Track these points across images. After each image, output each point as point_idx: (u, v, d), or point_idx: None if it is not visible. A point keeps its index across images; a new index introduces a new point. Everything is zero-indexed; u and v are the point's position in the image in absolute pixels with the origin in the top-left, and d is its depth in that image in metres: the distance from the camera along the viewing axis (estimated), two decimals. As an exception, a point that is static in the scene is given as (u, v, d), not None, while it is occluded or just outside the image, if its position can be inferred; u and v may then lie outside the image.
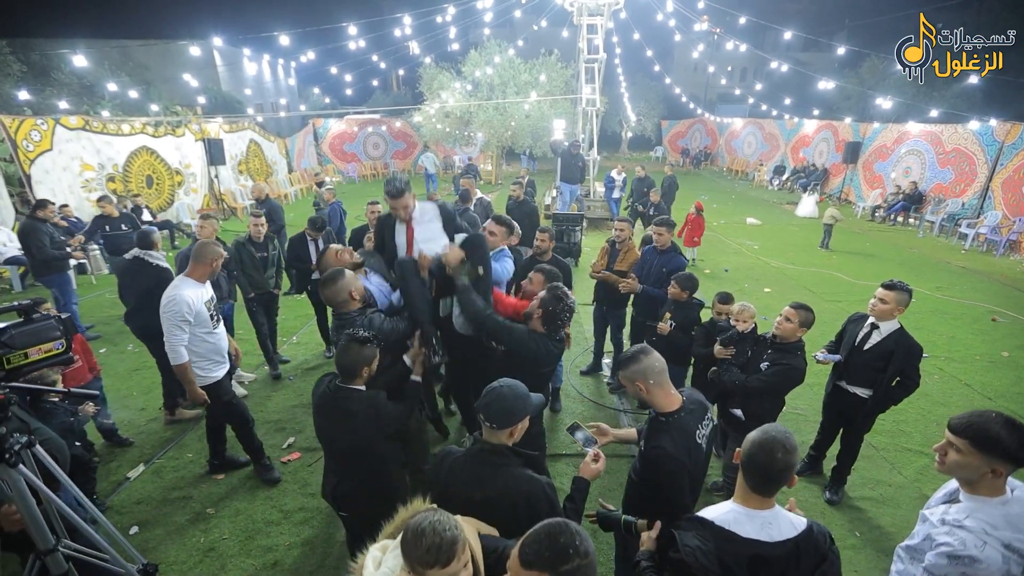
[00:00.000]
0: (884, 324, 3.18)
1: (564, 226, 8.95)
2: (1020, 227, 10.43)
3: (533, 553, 1.14)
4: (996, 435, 1.54)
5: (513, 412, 1.77)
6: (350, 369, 2.23)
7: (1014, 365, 5.69)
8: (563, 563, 1.12)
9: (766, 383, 3.06)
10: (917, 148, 13.89)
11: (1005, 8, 18.63)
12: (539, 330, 2.60)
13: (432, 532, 1.17)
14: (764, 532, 1.47)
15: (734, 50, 16.93)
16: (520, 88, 17.49)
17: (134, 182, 10.94)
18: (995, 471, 1.55)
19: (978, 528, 1.52)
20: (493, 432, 1.78)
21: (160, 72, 20.01)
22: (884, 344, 3.17)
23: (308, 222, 5.31)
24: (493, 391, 1.79)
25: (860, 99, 22.06)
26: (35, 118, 9.12)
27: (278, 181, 16.70)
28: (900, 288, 3.12)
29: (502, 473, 1.75)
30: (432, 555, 1.16)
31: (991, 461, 1.54)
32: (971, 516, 1.55)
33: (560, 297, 2.55)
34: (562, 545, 1.14)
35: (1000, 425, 1.55)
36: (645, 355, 1.98)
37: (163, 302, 3.11)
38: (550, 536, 1.16)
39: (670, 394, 1.98)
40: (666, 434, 1.92)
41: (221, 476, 3.79)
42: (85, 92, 16.42)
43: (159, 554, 3.13)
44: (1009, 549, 1.49)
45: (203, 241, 3.29)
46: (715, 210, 14.80)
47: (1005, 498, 1.57)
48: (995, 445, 1.53)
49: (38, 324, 1.73)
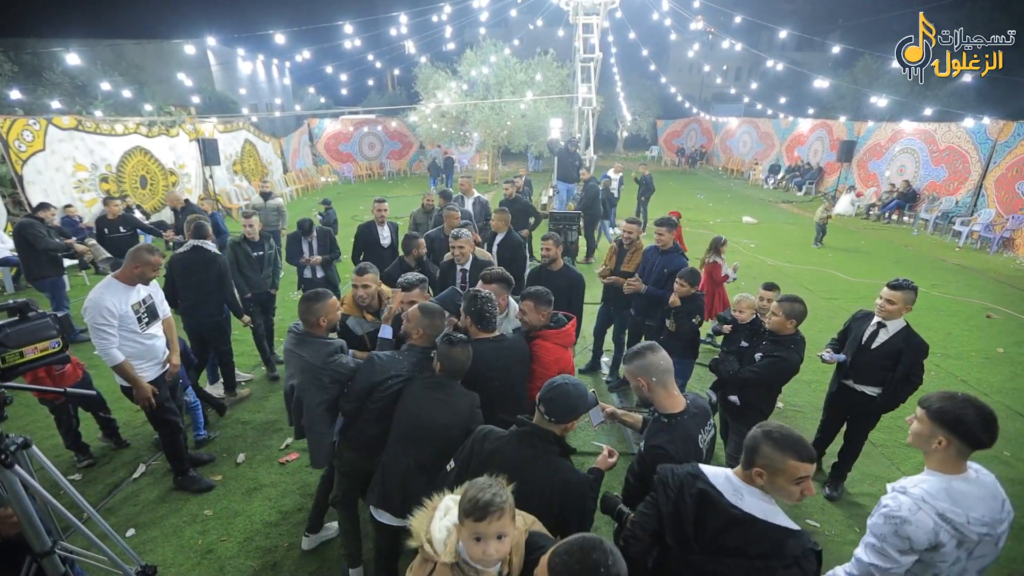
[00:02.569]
0: (891, 322, 3.18)
1: (561, 225, 8.94)
2: (1013, 224, 10.51)
3: (562, 564, 1.14)
4: (948, 407, 1.68)
5: (575, 409, 1.85)
6: (456, 371, 2.37)
7: (1009, 361, 5.73)
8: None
9: (757, 374, 3.08)
10: (911, 146, 13.97)
11: (997, 8, 18.77)
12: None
13: (479, 489, 1.37)
14: (730, 493, 1.53)
15: (729, 49, 17.01)
16: (516, 88, 17.49)
17: (128, 182, 10.86)
18: (940, 442, 1.68)
19: (917, 495, 1.66)
20: (547, 423, 1.85)
21: (154, 72, 19.88)
22: (893, 342, 3.16)
23: (297, 225, 5.36)
24: (558, 386, 1.86)
25: (854, 98, 22.19)
26: (27, 118, 9.02)
27: (274, 181, 16.62)
28: (907, 287, 3.09)
29: (545, 460, 1.79)
30: (471, 506, 1.34)
31: (937, 431, 1.69)
32: (917, 485, 1.69)
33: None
34: (593, 561, 1.12)
35: (960, 402, 1.69)
36: (652, 352, 1.96)
37: (84, 304, 3.11)
38: (583, 550, 1.15)
39: (672, 395, 1.97)
40: (667, 435, 1.91)
41: (219, 477, 3.76)
42: (78, 92, 16.28)
43: (157, 556, 3.10)
44: (942, 518, 1.61)
45: (139, 246, 3.26)
46: (711, 209, 14.85)
47: (960, 476, 1.68)
48: (944, 416, 1.67)
49: (34, 323, 1.70)
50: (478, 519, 1.33)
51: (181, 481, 3.63)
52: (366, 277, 3.28)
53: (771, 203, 16.22)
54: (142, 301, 3.29)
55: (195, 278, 4.24)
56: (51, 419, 3.84)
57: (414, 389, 2.38)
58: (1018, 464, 4.01)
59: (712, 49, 33.40)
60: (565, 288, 3.85)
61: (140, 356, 3.28)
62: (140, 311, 3.26)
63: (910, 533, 1.62)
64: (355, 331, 3.19)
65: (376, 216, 5.51)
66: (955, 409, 1.67)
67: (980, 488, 1.68)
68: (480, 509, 1.33)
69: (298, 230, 5.35)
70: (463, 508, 1.36)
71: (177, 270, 4.25)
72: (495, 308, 2.65)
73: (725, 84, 35.54)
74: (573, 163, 11.07)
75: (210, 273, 4.27)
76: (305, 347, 2.58)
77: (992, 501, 1.67)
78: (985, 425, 1.65)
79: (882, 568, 1.69)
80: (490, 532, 1.34)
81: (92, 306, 3.05)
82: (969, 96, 18.12)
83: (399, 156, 22.52)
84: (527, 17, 21.85)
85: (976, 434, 1.65)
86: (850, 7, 31.49)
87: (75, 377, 3.78)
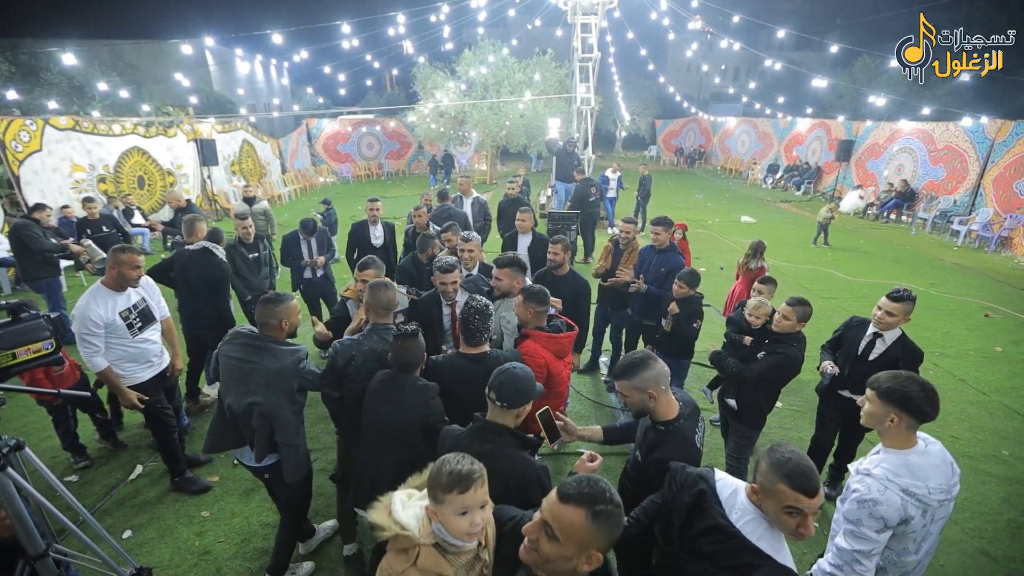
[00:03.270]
0: (888, 333, 3.08)
1: (560, 224, 8.93)
2: (1011, 224, 10.52)
3: (574, 489, 1.26)
4: (896, 386, 1.83)
5: (524, 392, 1.86)
6: (410, 363, 2.33)
7: (1007, 360, 5.73)
8: (598, 503, 1.23)
9: (762, 373, 3.05)
10: (909, 146, 13.99)
11: (994, 7, 18.79)
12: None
13: (455, 462, 1.37)
14: (727, 506, 1.55)
15: (727, 49, 17.03)
16: (514, 87, 17.48)
17: (125, 183, 10.83)
18: (893, 420, 1.83)
19: (882, 475, 1.79)
20: (500, 412, 1.86)
21: (151, 72, 19.83)
22: (890, 353, 3.07)
23: (300, 224, 5.35)
24: (507, 371, 1.88)
25: (853, 97, 22.21)
26: (24, 118, 9.00)
27: (271, 182, 16.60)
28: (907, 299, 2.99)
29: (499, 452, 1.80)
30: (453, 480, 1.33)
31: (889, 410, 1.83)
32: (879, 465, 1.82)
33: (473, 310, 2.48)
34: (601, 488, 1.27)
35: (906, 381, 1.84)
36: (654, 361, 1.92)
37: (73, 312, 3.08)
38: (590, 480, 1.29)
39: (671, 400, 1.95)
40: (669, 445, 1.88)
41: (216, 478, 3.75)
42: (75, 92, 16.25)
43: (153, 557, 3.09)
44: (907, 493, 1.75)
45: (114, 246, 3.19)
46: (710, 208, 14.85)
47: (913, 449, 1.83)
48: (893, 395, 1.82)
49: (27, 324, 1.69)
50: (463, 490, 1.33)
51: (178, 482, 3.61)
52: (366, 273, 3.28)
53: (769, 203, 16.23)
54: (133, 307, 3.22)
55: (193, 278, 4.21)
56: (48, 420, 3.83)
57: (372, 390, 2.34)
58: (1017, 463, 4.01)
59: (710, 49, 33.44)
60: (571, 295, 3.79)
61: (132, 359, 3.26)
62: (131, 317, 3.18)
63: (882, 513, 1.74)
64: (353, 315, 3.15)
65: (369, 215, 5.50)
66: (902, 387, 1.81)
67: (933, 458, 1.83)
68: (464, 479, 1.34)
69: (301, 231, 5.33)
70: (444, 485, 1.34)
71: (178, 266, 4.23)
72: (483, 322, 2.46)
73: (723, 84, 35.59)
74: (571, 163, 11.07)
75: (210, 277, 4.22)
76: (266, 355, 2.43)
77: (944, 467, 1.83)
78: (929, 399, 1.80)
79: (864, 551, 1.77)
80: (476, 501, 1.36)
81: (79, 315, 3.02)
82: (967, 95, 18.15)
83: (398, 156, 22.49)
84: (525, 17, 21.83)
85: (923, 408, 1.79)
86: (848, 7, 31.55)
87: (73, 378, 3.77)
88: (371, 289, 2.65)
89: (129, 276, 3.14)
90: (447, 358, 2.54)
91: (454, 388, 2.38)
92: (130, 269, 3.13)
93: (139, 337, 3.25)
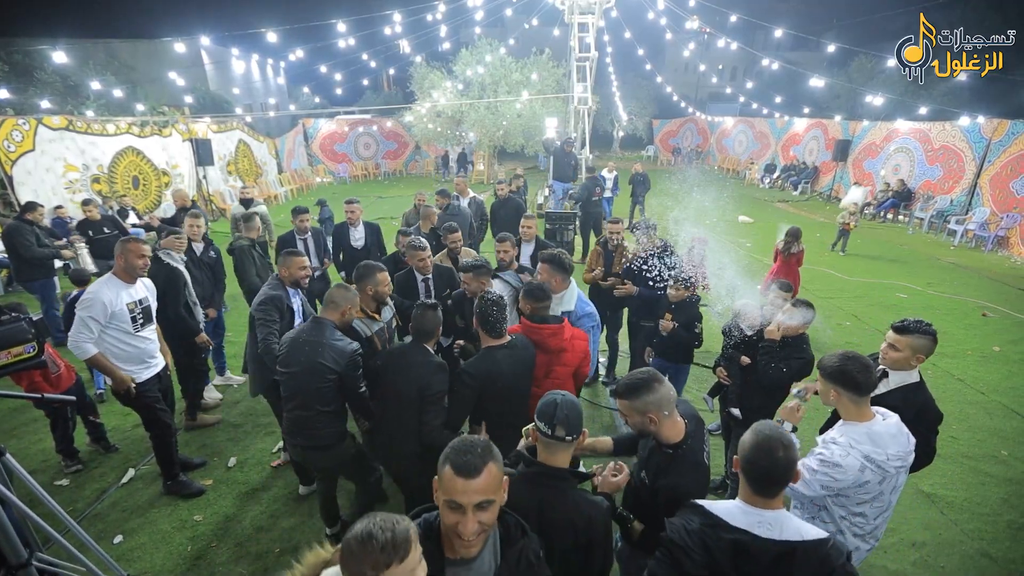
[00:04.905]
0: (896, 373, 2.39)
1: (557, 224, 8.88)
2: (1008, 223, 10.54)
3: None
4: (835, 365, 2.00)
5: (581, 415, 1.73)
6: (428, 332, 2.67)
7: (1005, 359, 5.72)
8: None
9: (790, 376, 3.01)
10: (906, 145, 14.00)
11: (990, 7, 18.84)
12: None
13: (380, 531, 1.07)
14: (758, 527, 1.44)
15: (724, 49, 17.03)
16: (511, 87, 17.43)
17: (120, 183, 10.75)
18: (833, 393, 2.02)
19: (845, 442, 1.96)
20: (559, 448, 1.70)
21: (146, 71, 19.71)
22: (889, 399, 2.31)
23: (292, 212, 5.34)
24: (563, 401, 1.70)
25: (849, 97, 22.24)
26: (16, 118, 8.91)
27: (268, 182, 16.52)
28: (916, 331, 2.29)
29: (567, 497, 1.67)
30: (388, 553, 1.05)
31: (828, 385, 2.03)
32: (844, 435, 1.99)
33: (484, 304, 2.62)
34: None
35: (846, 360, 1.99)
36: (659, 383, 1.81)
37: (82, 296, 3.12)
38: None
39: (676, 422, 1.85)
40: (679, 471, 1.80)
41: (209, 481, 3.71)
42: (69, 92, 16.12)
43: (145, 563, 3.04)
44: (868, 460, 1.91)
45: (125, 238, 3.22)
46: (706, 208, 14.82)
47: (873, 421, 1.99)
48: (832, 372, 2.01)
49: (7, 327, 1.64)
50: (388, 565, 1.06)
51: (171, 486, 3.57)
52: (370, 281, 3.20)
53: (767, 202, 16.22)
54: (138, 302, 3.27)
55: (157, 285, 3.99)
56: (37, 424, 3.79)
57: (388, 356, 2.78)
58: (1015, 463, 3.99)
59: (707, 49, 33.44)
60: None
61: (131, 359, 3.26)
62: (136, 311, 3.24)
63: (838, 475, 1.91)
64: (361, 333, 3.11)
65: (347, 218, 5.45)
66: (839, 364, 1.99)
67: (891, 428, 1.98)
68: (386, 551, 1.06)
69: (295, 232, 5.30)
70: (364, 563, 1.05)
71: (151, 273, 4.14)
72: (500, 312, 2.57)
73: (721, 84, 35.64)
74: (569, 163, 11.03)
75: (160, 284, 3.86)
76: None
77: (901, 437, 1.98)
78: (863, 371, 1.95)
79: (800, 493, 2.01)
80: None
81: (91, 298, 3.06)
82: (964, 95, 18.17)
83: (395, 156, 22.41)
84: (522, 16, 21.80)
85: (857, 380, 1.94)
86: (845, 7, 31.62)
87: (70, 381, 3.73)
88: (336, 286, 2.87)
89: (135, 264, 3.19)
90: (483, 357, 2.59)
91: (500, 379, 2.52)
92: (136, 258, 3.18)
93: (139, 334, 3.27)
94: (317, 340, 2.63)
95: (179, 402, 4.32)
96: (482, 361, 2.56)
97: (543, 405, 1.71)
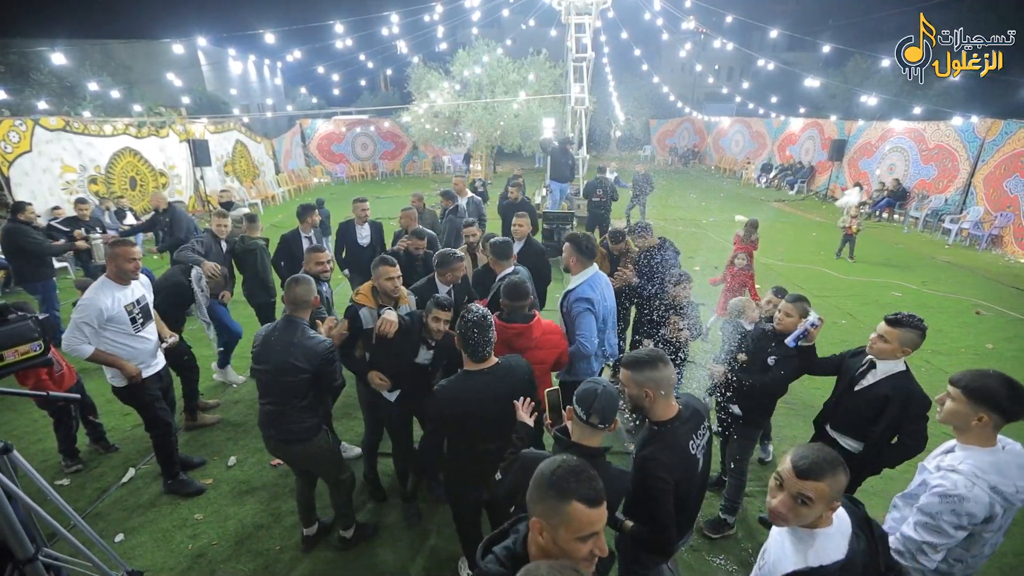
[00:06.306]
0: (883, 363, 2.52)
1: (555, 224, 8.93)
2: (1002, 222, 10.62)
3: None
4: (984, 385, 1.77)
5: (616, 409, 1.83)
6: None
7: (999, 357, 5.78)
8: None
9: (788, 379, 2.99)
10: (901, 145, 14.09)
11: (989, 8, 18.94)
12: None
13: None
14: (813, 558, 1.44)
15: (721, 49, 17.06)
16: (509, 88, 17.46)
17: (117, 184, 10.74)
18: (981, 419, 1.77)
19: (969, 472, 1.74)
20: (593, 432, 1.81)
21: (143, 72, 19.69)
22: (878, 388, 2.49)
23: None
24: (603, 392, 1.79)
25: (845, 97, 22.34)
26: (13, 119, 8.91)
27: (265, 182, 16.51)
28: (907, 324, 2.42)
29: (604, 476, 1.72)
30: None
31: (978, 409, 1.77)
32: (964, 462, 1.77)
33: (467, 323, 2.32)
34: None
35: (992, 379, 1.78)
36: (664, 364, 1.88)
37: (79, 300, 3.13)
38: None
39: (670, 404, 1.93)
40: (657, 445, 1.88)
41: (210, 480, 3.72)
42: (66, 92, 16.09)
43: (146, 561, 3.06)
44: (995, 491, 1.71)
45: (113, 240, 3.28)
46: (703, 208, 14.90)
47: (995, 449, 1.78)
48: (982, 393, 1.76)
49: (13, 326, 1.66)
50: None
51: (171, 485, 3.59)
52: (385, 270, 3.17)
53: (763, 201, 16.30)
54: (136, 302, 3.28)
55: None
56: (39, 424, 3.80)
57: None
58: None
59: (704, 49, 33.53)
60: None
61: (131, 359, 3.27)
62: (134, 312, 3.25)
63: (969, 509, 1.69)
64: (366, 322, 3.08)
65: (357, 215, 5.49)
66: (992, 387, 1.76)
67: (1017, 457, 1.78)
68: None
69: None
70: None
71: None
72: (483, 334, 2.29)
73: (717, 84, 35.78)
74: (566, 163, 11.07)
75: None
76: None
77: None
78: (1018, 399, 1.75)
79: (933, 544, 1.77)
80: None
81: (87, 303, 3.06)
82: (958, 95, 18.28)
83: (392, 157, 22.41)
84: (519, 17, 21.80)
85: (1013, 408, 1.74)
86: (840, 7, 31.79)
87: (71, 380, 3.75)
88: (296, 286, 2.87)
89: (125, 268, 3.19)
90: (457, 381, 2.33)
91: (477, 408, 2.27)
92: (125, 261, 3.18)
93: (140, 334, 3.29)
94: (288, 340, 2.67)
95: (179, 401, 4.33)
96: (455, 389, 2.31)
97: (584, 392, 1.81)
